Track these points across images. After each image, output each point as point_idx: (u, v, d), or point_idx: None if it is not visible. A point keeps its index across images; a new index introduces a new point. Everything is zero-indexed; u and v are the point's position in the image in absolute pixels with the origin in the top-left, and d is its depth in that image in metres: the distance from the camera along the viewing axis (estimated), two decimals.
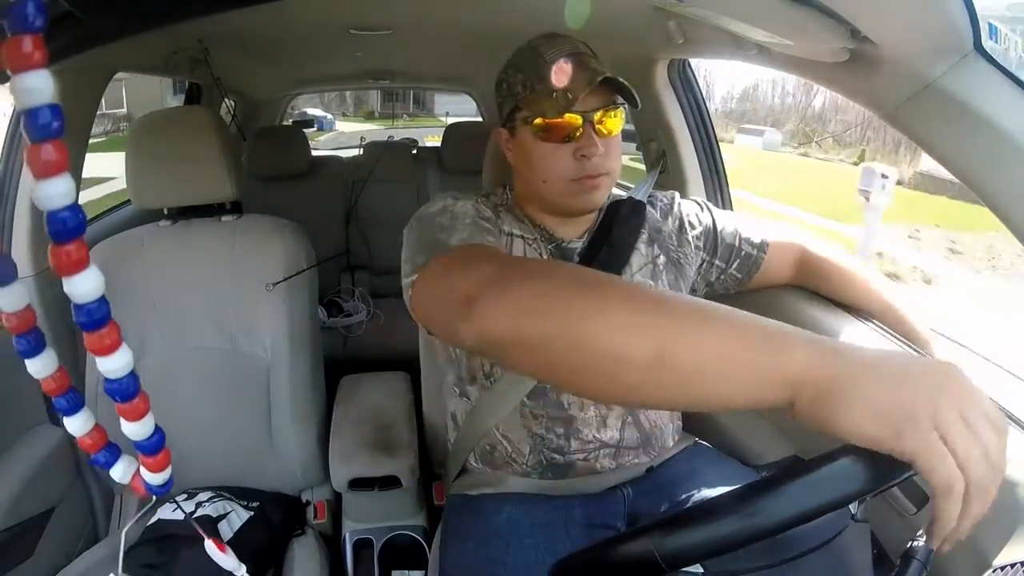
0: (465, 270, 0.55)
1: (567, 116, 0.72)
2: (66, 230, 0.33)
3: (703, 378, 0.41)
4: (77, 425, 0.46)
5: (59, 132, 0.31)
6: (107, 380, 0.40)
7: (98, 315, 0.37)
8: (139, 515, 0.66)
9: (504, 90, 0.79)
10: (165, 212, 1.08)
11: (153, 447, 0.46)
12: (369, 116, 17.49)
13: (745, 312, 0.42)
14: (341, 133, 10.57)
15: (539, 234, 0.82)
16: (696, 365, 0.40)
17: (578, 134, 0.73)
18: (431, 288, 0.60)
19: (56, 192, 0.32)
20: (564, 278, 0.47)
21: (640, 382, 0.42)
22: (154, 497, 0.52)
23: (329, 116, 13.85)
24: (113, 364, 0.39)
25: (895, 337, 0.84)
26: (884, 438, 0.36)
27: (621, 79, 0.72)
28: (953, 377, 0.37)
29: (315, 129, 10.23)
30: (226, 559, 0.61)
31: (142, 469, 0.49)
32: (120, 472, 0.49)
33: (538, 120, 0.73)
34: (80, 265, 0.35)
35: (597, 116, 0.73)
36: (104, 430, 0.48)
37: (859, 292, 0.90)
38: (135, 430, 0.44)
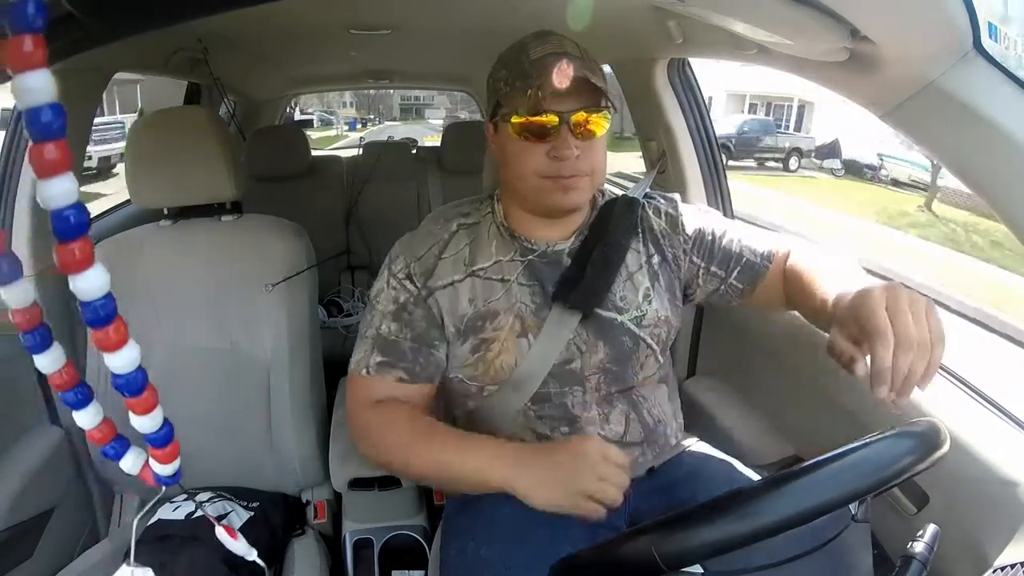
0: (354, 413, 0.83)
1: (544, 116, 0.71)
2: (70, 228, 0.34)
3: (439, 482, 0.86)
4: (87, 419, 0.46)
5: (61, 132, 0.31)
6: (114, 375, 0.41)
7: (104, 312, 0.37)
8: (140, 514, 0.66)
9: (490, 85, 0.79)
10: (165, 212, 1.08)
11: (163, 439, 0.48)
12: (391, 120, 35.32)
13: (468, 435, 0.77)
14: (385, 125, 22.70)
15: (516, 247, 0.81)
16: (428, 475, 0.79)
17: (553, 134, 0.72)
18: (347, 399, 0.85)
19: (59, 191, 0.33)
20: (401, 434, 0.78)
21: (419, 478, 0.88)
22: (163, 489, 0.53)
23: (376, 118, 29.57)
24: (121, 360, 0.40)
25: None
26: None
27: (596, 81, 0.71)
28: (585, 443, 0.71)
29: (373, 120, 26.56)
30: (237, 544, 0.63)
31: (152, 461, 0.50)
32: (130, 463, 0.51)
33: (515, 118, 0.73)
34: (86, 263, 0.35)
35: (575, 117, 0.72)
36: (112, 423, 0.49)
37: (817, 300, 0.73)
38: (145, 423, 0.45)
